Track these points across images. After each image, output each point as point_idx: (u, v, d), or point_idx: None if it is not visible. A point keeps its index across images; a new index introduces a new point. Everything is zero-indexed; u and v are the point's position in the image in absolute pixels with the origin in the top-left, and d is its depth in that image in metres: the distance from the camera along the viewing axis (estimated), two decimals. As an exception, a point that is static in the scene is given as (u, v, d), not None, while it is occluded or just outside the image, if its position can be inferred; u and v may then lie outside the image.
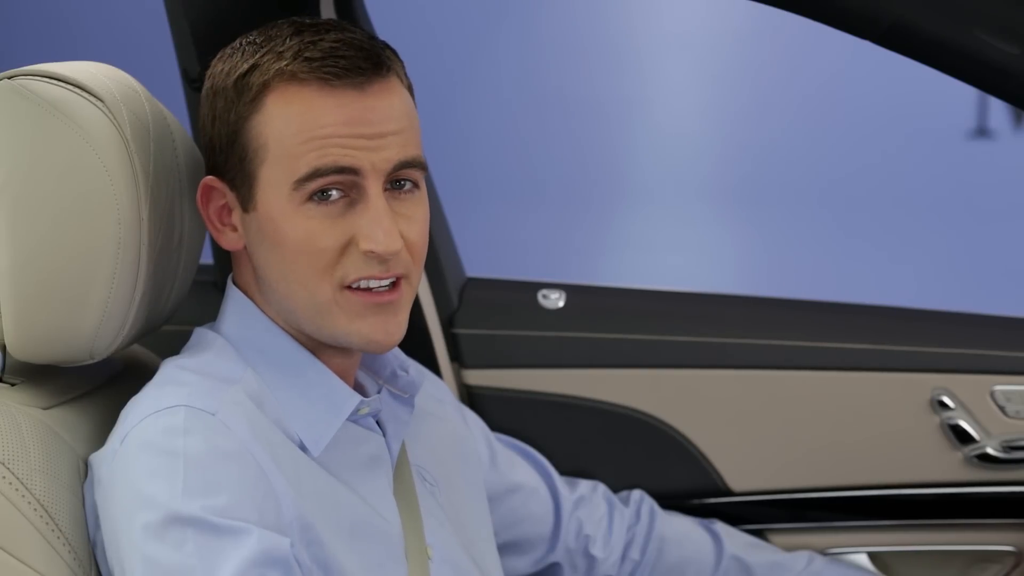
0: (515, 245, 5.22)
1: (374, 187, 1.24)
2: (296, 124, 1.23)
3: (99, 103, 1.25)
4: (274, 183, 1.25)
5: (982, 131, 6.48)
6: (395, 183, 1.27)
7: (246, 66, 1.26)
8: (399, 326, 1.29)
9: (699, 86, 7.19)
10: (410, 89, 1.32)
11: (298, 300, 1.27)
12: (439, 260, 1.92)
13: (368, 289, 1.26)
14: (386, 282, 1.26)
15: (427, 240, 1.31)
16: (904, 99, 6.18)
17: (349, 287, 1.25)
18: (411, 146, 1.27)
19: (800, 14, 1.29)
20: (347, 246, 1.25)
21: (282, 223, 1.25)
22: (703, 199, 6.01)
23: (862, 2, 1.26)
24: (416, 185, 1.29)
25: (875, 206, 5.84)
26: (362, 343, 1.28)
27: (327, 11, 1.73)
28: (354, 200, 1.25)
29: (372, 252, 1.24)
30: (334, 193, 1.24)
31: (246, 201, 1.27)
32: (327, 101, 1.23)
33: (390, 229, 1.24)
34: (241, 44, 1.28)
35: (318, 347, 1.31)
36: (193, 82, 1.67)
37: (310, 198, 1.24)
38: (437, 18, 6.83)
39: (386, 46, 1.30)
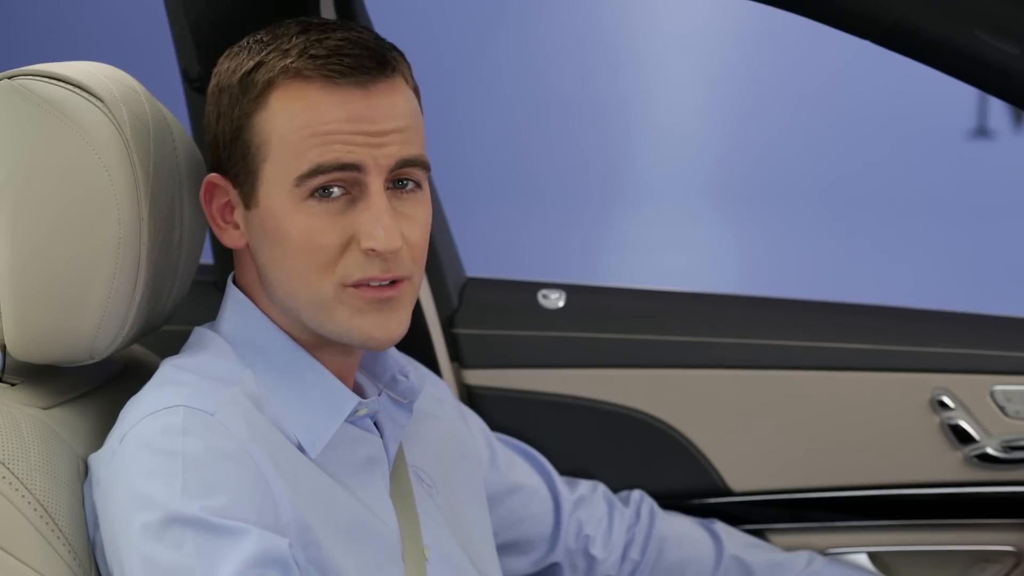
0: (515, 245, 5.22)
1: (375, 184, 1.24)
2: (299, 120, 1.23)
3: (99, 103, 1.25)
4: (276, 179, 1.25)
5: (982, 131, 6.48)
6: (397, 182, 1.27)
7: (252, 63, 1.26)
8: (400, 323, 1.28)
9: (699, 86, 7.19)
10: (416, 91, 1.32)
11: (300, 297, 1.27)
12: (439, 260, 1.92)
13: (368, 285, 1.26)
14: (386, 281, 1.26)
15: (428, 241, 1.31)
16: (904, 99, 6.18)
17: (351, 285, 1.26)
18: (413, 145, 1.27)
19: (800, 14, 1.29)
20: (348, 244, 1.24)
21: (283, 220, 1.24)
22: (703, 198, 6.01)
23: (862, 2, 1.26)
24: (419, 186, 1.29)
25: (875, 206, 5.84)
26: (362, 339, 1.27)
27: (327, 11, 1.73)
28: (356, 198, 1.25)
29: (372, 250, 1.23)
30: (336, 190, 1.24)
31: (248, 198, 1.27)
32: (331, 98, 1.23)
33: (390, 227, 1.24)
34: (248, 43, 1.29)
35: (318, 346, 1.31)
36: (193, 82, 1.66)
37: (312, 195, 1.24)
38: (437, 18, 6.83)
39: (393, 47, 1.30)
